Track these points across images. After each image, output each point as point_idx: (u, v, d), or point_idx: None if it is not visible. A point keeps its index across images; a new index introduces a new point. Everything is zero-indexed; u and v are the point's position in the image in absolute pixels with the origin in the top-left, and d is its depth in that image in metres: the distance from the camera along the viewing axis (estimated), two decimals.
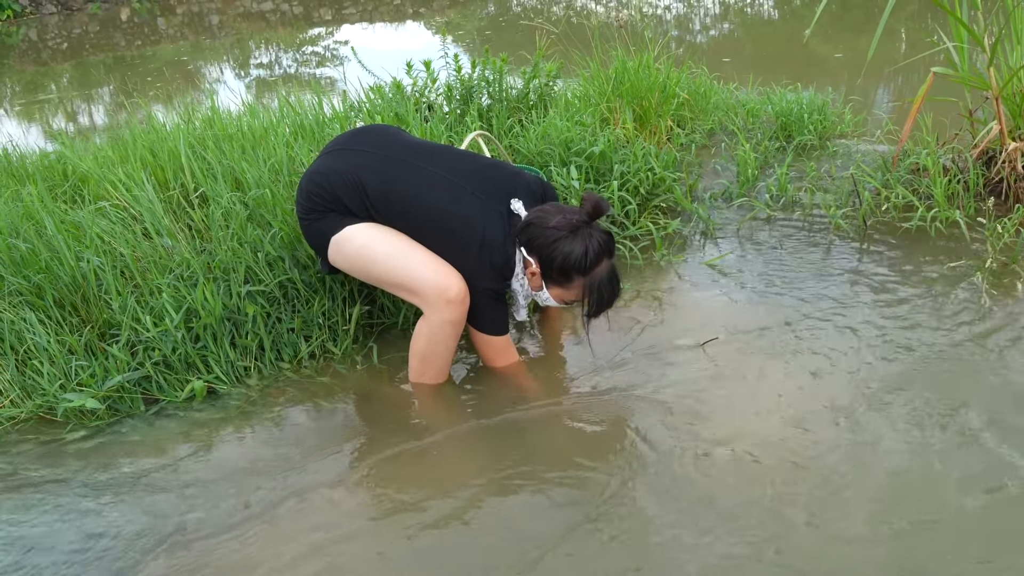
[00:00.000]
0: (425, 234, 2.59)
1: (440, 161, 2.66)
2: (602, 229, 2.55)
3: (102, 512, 2.31)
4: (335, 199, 2.62)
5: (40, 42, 14.15)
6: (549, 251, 2.51)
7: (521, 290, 2.70)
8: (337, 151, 2.74)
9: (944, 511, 2.06)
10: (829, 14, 9.62)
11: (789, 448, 2.32)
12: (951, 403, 2.45)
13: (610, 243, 2.55)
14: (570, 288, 2.57)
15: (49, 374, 2.72)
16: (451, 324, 2.59)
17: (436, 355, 2.68)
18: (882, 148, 4.04)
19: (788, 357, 2.74)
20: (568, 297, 2.62)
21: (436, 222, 2.57)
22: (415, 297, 2.59)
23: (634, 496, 2.19)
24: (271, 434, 2.59)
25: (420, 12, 14.33)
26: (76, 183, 3.76)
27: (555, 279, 2.57)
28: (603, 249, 2.52)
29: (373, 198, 2.60)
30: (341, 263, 2.68)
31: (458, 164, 2.67)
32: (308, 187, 2.67)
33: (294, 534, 2.17)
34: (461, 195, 2.58)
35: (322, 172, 2.66)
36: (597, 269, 2.52)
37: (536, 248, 2.54)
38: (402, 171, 2.62)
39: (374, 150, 2.69)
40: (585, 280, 2.53)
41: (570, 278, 2.54)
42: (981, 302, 2.92)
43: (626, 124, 4.02)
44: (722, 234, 3.63)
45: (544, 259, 2.54)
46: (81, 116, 8.53)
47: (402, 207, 2.60)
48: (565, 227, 2.49)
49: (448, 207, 2.57)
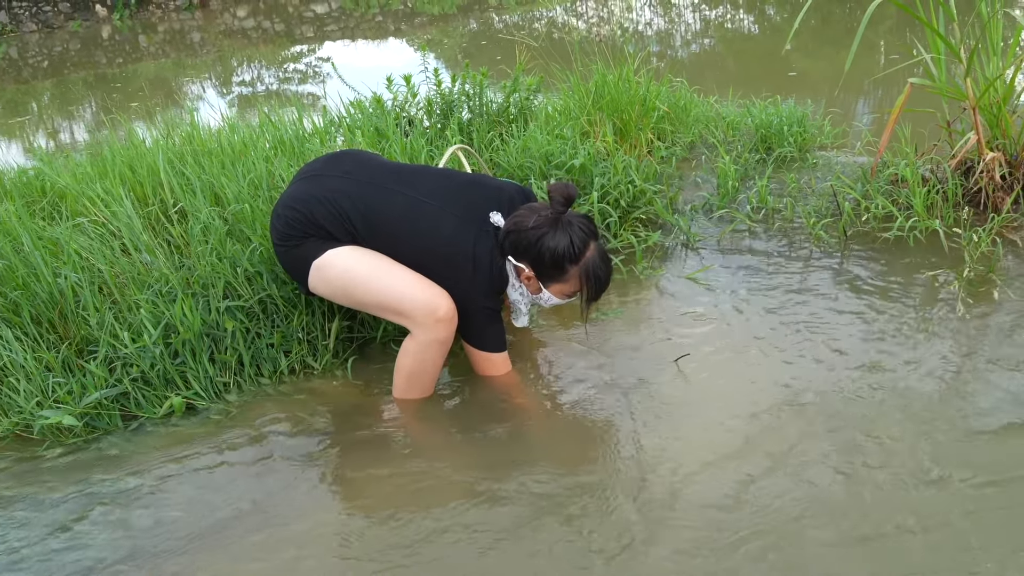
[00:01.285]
0: (415, 262, 2.57)
1: (421, 185, 2.64)
2: (579, 214, 2.58)
3: (79, 529, 2.29)
4: (315, 224, 2.58)
5: (20, 60, 14.08)
6: (537, 251, 2.52)
7: (522, 299, 2.72)
8: (313, 176, 2.69)
9: (922, 519, 2.07)
10: (808, 28, 9.69)
11: (767, 460, 2.32)
12: (929, 413, 2.45)
13: (591, 225, 2.58)
14: (567, 280, 2.58)
15: (26, 391, 2.69)
16: (439, 343, 2.58)
17: (423, 373, 2.67)
18: (862, 159, 4.06)
19: (767, 368, 2.74)
20: (568, 290, 2.62)
21: (426, 250, 2.57)
22: (403, 319, 2.57)
23: (611, 506, 2.19)
24: (250, 450, 2.57)
25: (401, 29, 14.35)
26: (54, 199, 3.73)
27: (551, 276, 2.58)
28: (587, 233, 2.54)
29: (357, 224, 2.57)
30: (323, 289, 2.64)
31: (438, 186, 2.66)
32: (285, 213, 2.62)
33: (273, 551, 2.15)
34: (446, 219, 2.57)
35: (299, 198, 2.62)
36: (587, 254, 2.55)
37: (524, 252, 2.55)
38: (384, 198, 2.60)
39: (353, 176, 2.66)
40: (579, 267, 2.55)
41: (564, 270, 2.55)
42: (957, 311, 2.94)
43: (606, 137, 4.03)
44: (703, 246, 3.63)
45: (535, 260, 2.55)
46: (63, 134, 8.49)
47: (389, 236, 2.58)
48: (544, 224, 2.51)
49: (435, 233, 2.56)
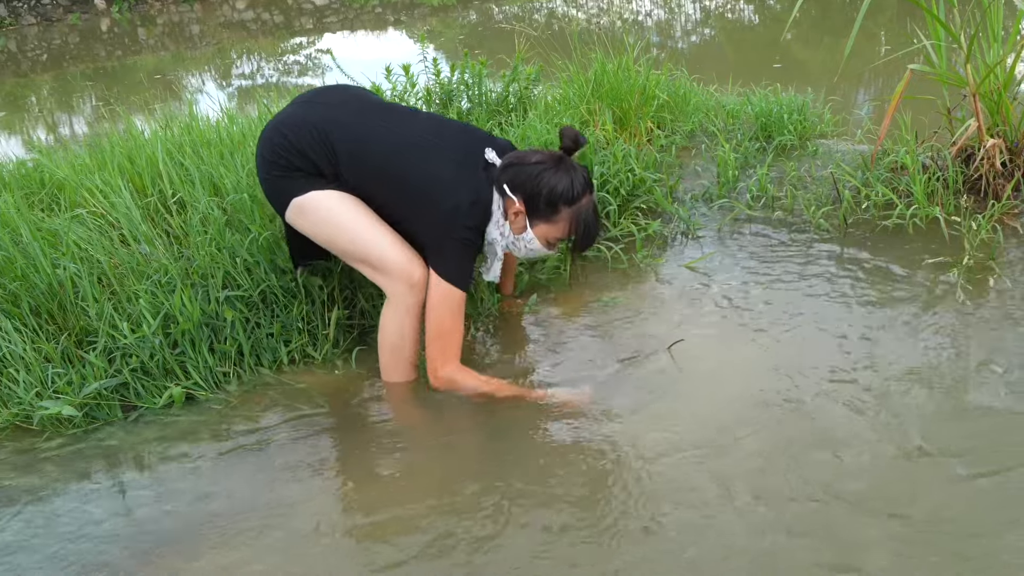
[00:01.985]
0: (401, 190, 2.55)
1: (414, 121, 2.66)
2: (581, 165, 2.56)
3: (79, 519, 2.29)
4: (300, 153, 2.55)
5: (20, 53, 14.07)
6: (535, 184, 2.50)
7: (501, 239, 2.65)
8: (307, 102, 2.69)
9: (916, 505, 2.06)
10: (809, 18, 9.67)
11: (762, 448, 2.32)
12: (928, 400, 2.45)
13: (590, 178, 2.56)
14: (557, 222, 2.55)
15: (25, 382, 2.69)
16: (414, 308, 2.60)
17: (403, 347, 2.68)
18: (862, 148, 4.05)
19: (766, 356, 2.73)
20: (553, 234, 2.58)
21: (413, 176, 2.54)
22: (379, 274, 2.58)
23: (609, 500, 2.19)
24: (251, 441, 2.57)
25: (401, 20, 14.33)
26: (53, 191, 3.73)
27: (542, 214, 2.54)
28: (586, 182, 2.53)
29: (342, 155, 2.55)
30: (302, 226, 2.63)
31: (430, 124, 2.66)
32: (273, 137, 2.60)
33: (274, 543, 2.15)
34: (437, 152, 2.57)
35: (290, 123, 2.60)
36: (583, 200, 2.53)
37: (520, 184, 2.52)
38: (376, 129, 2.59)
39: (348, 106, 2.65)
40: (572, 211, 2.53)
41: (557, 210, 2.52)
42: (957, 298, 2.93)
43: (606, 126, 4.02)
44: (703, 235, 3.63)
45: (530, 194, 2.52)
46: (63, 128, 8.48)
47: (377, 164, 2.56)
48: (548, 160, 2.50)
49: (424, 163, 2.54)
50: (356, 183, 2.59)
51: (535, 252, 2.67)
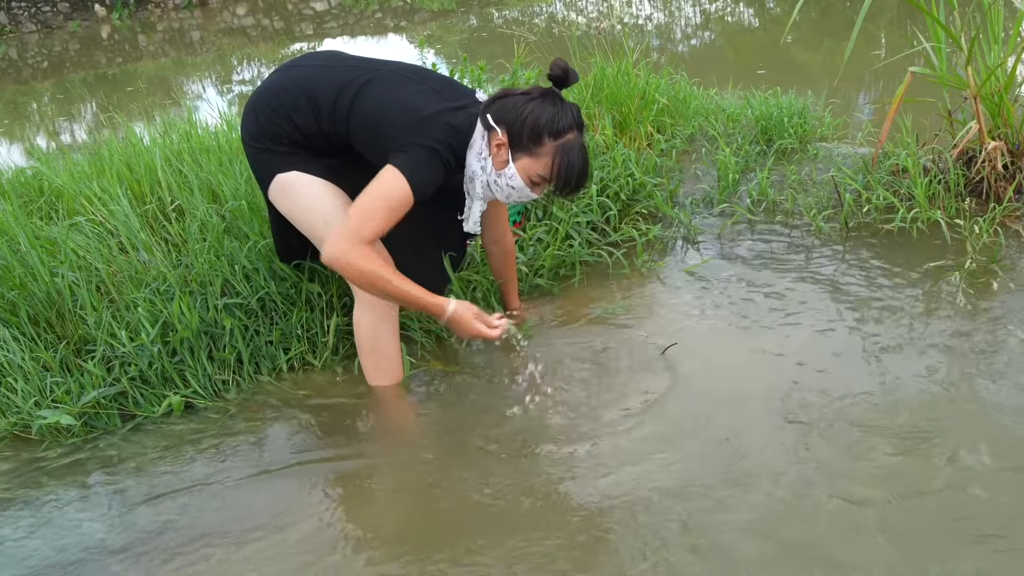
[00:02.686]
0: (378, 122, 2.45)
1: (403, 67, 2.60)
2: (572, 103, 2.47)
3: (78, 529, 2.28)
4: (286, 118, 2.51)
5: (20, 60, 14.09)
6: (519, 113, 2.39)
7: (481, 174, 2.51)
8: (288, 67, 2.66)
9: (921, 510, 2.05)
10: (809, 20, 9.67)
11: (767, 455, 2.30)
12: (931, 405, 2.44)
13: (580, 116, 2.45)
14: (539, 156, 2.41)
15: (23, 391, 2.68)
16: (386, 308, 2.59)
17: (381, 347, 2.68)
18: (863, 151, 4.04)
19: (767, 362, 2.72)
20: (535, 169, 2.43)
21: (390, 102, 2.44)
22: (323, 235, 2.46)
23: (612, 509, 2.17)
24: (250, 448, 2.56)
25: (401, 26, 14.34)
26: (51, 198, 3.72)
27: (524, 147, 2.41)
28: (575, 119, 2.43)
29: (324, 102, 2.48)
30: (282, 205, 2.61)
31: (416, 67, 2.63)
32: (257, 105, 2.57)
33: (272, 551, 2.14)
34: (417, 81, 2.51)
35: (272, 89, 2.57)
36: (569, 136, 2.41)
37: (505, 114, 2.41)
38: (357, 69, 2.54)
39: (330, 61, 2.62)
40: (556, 145, 2.40)
41: (541, 142, 2.40)
42: (959, 302, 2.91)
43: (605, 130, 4.01)
44: (703, 239, 3.61)
45: (513, 124, 2.40)
46: (63, 135, 8.48)
47: (357, 101, 2.46)
48: (536, 92, 2.42)
49: (403, 88, 2.47)
50: (340, 137, 2.52)
51: (517, 192, 2.51)
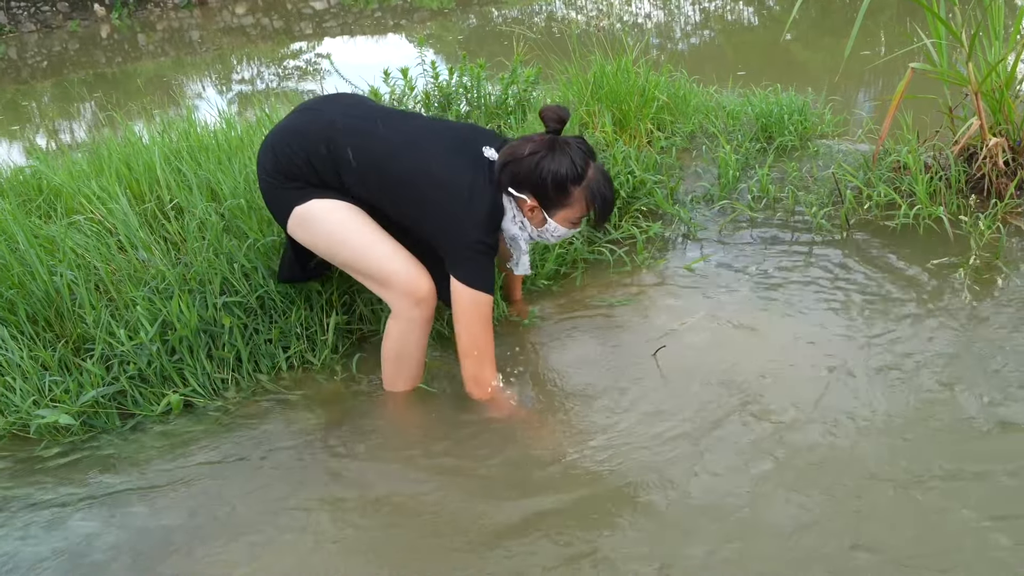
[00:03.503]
0: (408, 191, 2.49)
1: (415, 122, 2.62)
2: (574, 136, 2.50)
3: (77, 528, 2.27)
4: (304, 161, 2.52)
5: (20, 60, 14.07)
6: (538, 176, 2.43)
7: (522, 233, 2.61)
8: (309, 110, 2.66)
9: (923, 513, 2.04)
10: (808, 19, 9.65)
11: (765, 454, 2.30)
12: (936, 403, 2.43)
13: (588, 145, 2.50)
14: (572, 203, 2.50)
15: (22, 390, 2.67)
16: (419, 322, 2.56)
17: (409, 356, 2.65)
18: (863, 147, 4.03)
19: (767, 359, 2.71)
20: (573, 215, 2.53)
21: (421, 174, 2.48)
22: (383, 289, 2.54)
23: (607, 501, 2.17)
24: (249, 448, 2.55)
25: (401, 25, 14.32)
26: (50, 197, 3.71)
27: (556, 202, 2.49)
28: (585, 153, 2.47)
29: (345, 160, 2.50)
30: (303, 237, 2.59)
31: (430, 124, 2.64)
32: (276, 144, 2.57)
33: (273, 551, 2.13)
34: (442, 151, 2.52)
35: (292, 130, 2.58)
36: (589, 173, 2.47)
37: (524, 180, 2.46)
38: (379, 130, 2.54)
39: (349, 112, 2.61)
40: (583, 188, 2.47)
41: (568, 192, 2.46)
42: (963, 299, 2.90)
43: (605, 127, 4.00)
44: (704, 236, 3.60)
45: (536, 187, 2.46)
46: (63, 134, 8.47)
47: (381, 165, 2.50)
48: (541, 147, 2.43)
49: (431, 164, 2.49)
50: (360, 190, 2.55)
51: (563, 236, 2.63)
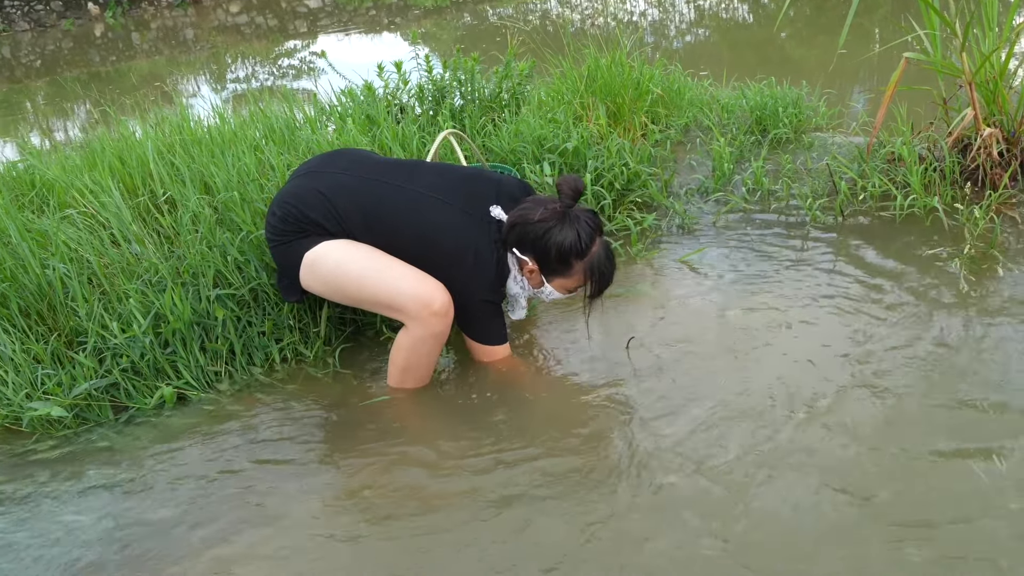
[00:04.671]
0: (415, 255, 2.52)
1: (419, 179, 2.60)
2: (586, 208, 2.54)
3: (69, 522, 2.25)
4: (309, 220, 2.53)
5: (13, 59, 14.04)
6: (543, 244, 2.47)
7: (522, 292, 2.66)
8: (310, 173, 2.66)
9: (923, 504, 2.04)
10: (803, 17, 9.65)
11: (760, 444, 2.29)
12: (929, 393, 2.42)
13: (597, 220, 2.53)
14: (571, 275, 2.55)
15: (15, 383, 2.65)
16: (434, 337, 2.54)
17: (419, 366, 2.64)
18: (858, 140, 4.03)
19: (762, 351, 2.71)
20: (570, 284, 2.59)
21: (427, 243, 2.52)
22: (396, 313, 2.52)
23: (607, 493, 2.16)
24: (242, 441, 2.54)
25: (395, 23, 14.30)
26: (43, 191, 3.69)
27: (555, 270, 2.54)
28: (593, 228, 2.50)
29: (353, 221, 2.53)
30: (315, 286, 2.58)
31: (437, 180, 2.62)
32: (280, 210, 2.58)
33: (265, 544, 2.12)
34: (447, 211, 2.53)
35: (295, 194, 2.58)
36: (593, 249, 2.51)
37: (529, 245, 2.51)
38: (383, 193, 2.55)
39: (351, 172, 2.61)
40: (584, 263, 2.51)
41: (570, 264, 2.51)
42: (960, 288, 2.90)
43: (600, 120, 3.99)
44: (698, 228, 3.60)
45: (540, 253, 2.50)
46: (57, 132, 8.45)
47: (389, 231, 2.53)
48: (551, 217, 2.46)
49: (437, 226, 2.52)
50: (367, 241, 2.56)
51: (558, 299, 2.70)
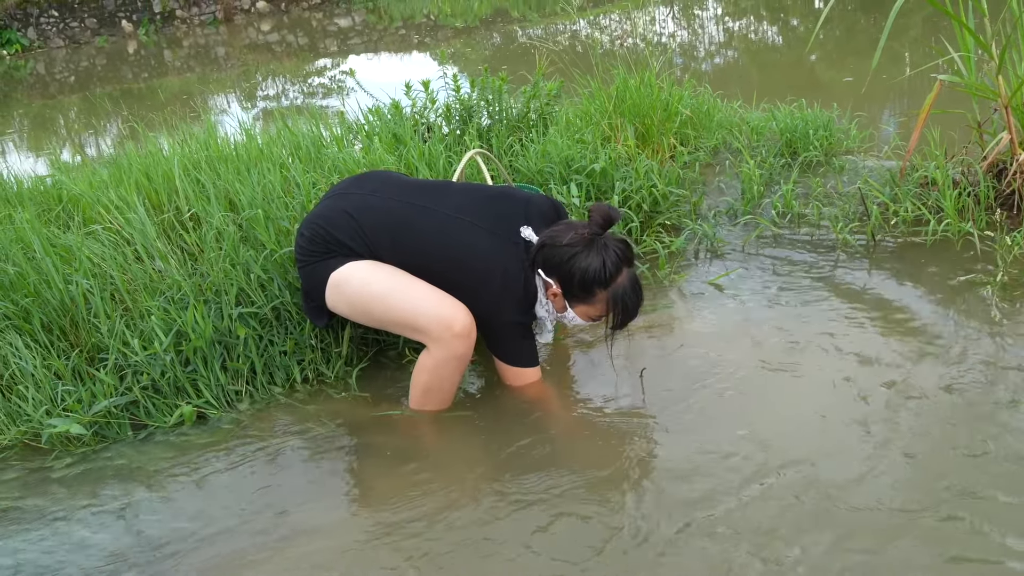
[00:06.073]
0: (443, 276, 2.50)
1: (449, 200, 2.59)
2: (618, 238, 2.48)
3: (87, 539, 2.24)
4: (336, 241, 2.53)
5: (48, 75, 14.25)
6: (567, 268, 2.43)
7: (548, 315, 2.62)
8: (339, 195, 2.66)
9: (952, 539, 1.98)
10: (834, 40, 9.59)
11: (791, 475, 2.23)
12: (963, 424, 2.35)
13: (628, 251, 2.47)
14: (594, 303, 2.49)
15: (35, 399, 2.65)
16: (456, 359, 2.51)
17: (440, 389, 2.60)
18: (890, 163, 3.96)
19: (794, 378, 2.65)
20: (593, 313, 2.53)
21: (457, 265, 2.50)
22: (418, 334, 2.49)
23: (641, 525, 2.11)
24: (261, 462, 2.51)
25: (425, 42, 14.38)
26: (68, 207, 3.71)
27: (577, 296, 2.49)
28: (621, 259, 2.44)
29: (381, 242, 2.52)
30: (341, 307, 2.57)
31: (465, 201, 2.59)
32: (308, 231, 2.58)
33: (284, 565, 2.10)
34: (475, 233, 2.51)
35: (324, 215, 2.58)
36: (618, 280, 2.45)
37: (554, 268, 2.47)
38: (413, 214, 2.54)
39: (379, 194, 2.61)
40: (608, 293, 2.46)
41: (592, 292, 2.46)
42: (993, 317, 2.83)
43: (628, 141, 3.96)
44: (727, 251, 3.55)
45: (563, 277, 2.46)
46: (89, 148, 8.54)
47: (418, 252, 2.52)
48: (579, 242, 2.42)
49: (466, 248, 2.50)
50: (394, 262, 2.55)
51: (581, 325, 2.69)
